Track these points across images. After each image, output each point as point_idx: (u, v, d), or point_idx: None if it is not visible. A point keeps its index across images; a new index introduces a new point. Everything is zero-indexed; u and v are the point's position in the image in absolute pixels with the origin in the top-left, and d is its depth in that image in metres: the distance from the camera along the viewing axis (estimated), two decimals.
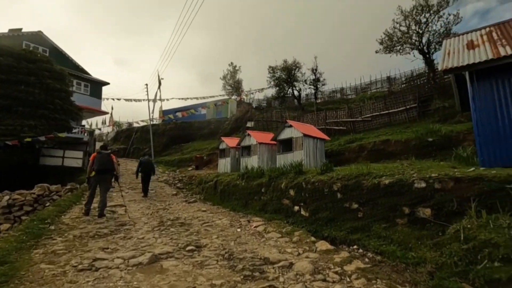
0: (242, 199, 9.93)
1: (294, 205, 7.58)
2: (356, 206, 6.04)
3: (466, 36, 7.70)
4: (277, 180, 8.58)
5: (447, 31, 13.55)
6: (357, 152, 13.86)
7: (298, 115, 22.05)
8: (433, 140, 11.52)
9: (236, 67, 31.49)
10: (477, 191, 4.52)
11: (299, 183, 7.55)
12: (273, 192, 8.49)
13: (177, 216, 8.09)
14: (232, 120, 31.73)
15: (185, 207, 10.15)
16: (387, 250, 4.97)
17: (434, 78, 14.40)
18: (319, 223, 6.63)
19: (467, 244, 4.11)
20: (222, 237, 5.96)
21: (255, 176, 9.83)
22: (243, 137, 16.34)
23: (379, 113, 16.20)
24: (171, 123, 36.26)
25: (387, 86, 28.88)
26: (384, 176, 5.85)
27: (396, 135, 13.62)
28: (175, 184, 18.28)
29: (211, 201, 11.90)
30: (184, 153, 30.48)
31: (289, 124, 13.35)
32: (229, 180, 11.41)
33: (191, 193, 15.29)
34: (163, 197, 13.02)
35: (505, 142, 5.67)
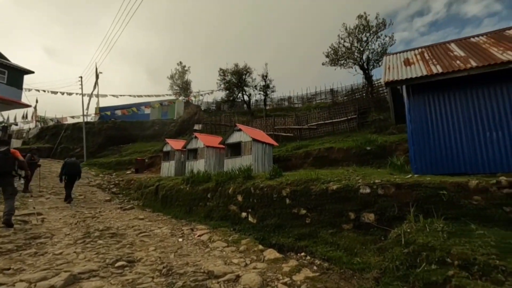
0: (186, 205, 9.23)
1: (241, 212, 7.24)
2: (304, 212, 5.97)
3: (403, 54, 8.43)
4: (224, 185, 8.16)
5: (383, 51, 15.02)
6: (303, 158, 14.24)
7: (248, 120, 21.99)
8: (371, 149, 12.40)
9: (185, 67, 30.30)
10: (415, 197, 4.78)
11: (248, 188, 7.25)
12: (220, 197, 8.03)
13: (108, 226, 7.05)
14: (178, 122, 30.27)
15: (120, 215, 9.01)
16: (334, 256, 4.94)
17: (372, 92, 15.74)
18: (267, 230, 6.39)
19: (407, 248, 4.24)
20: (161, 249, 5.29)
21: (201, 181, 9.24)
22: (190, 140, 15.55)
23: (324, 122, 17.01)
24: (109, 122, 33.02)
25: (330, 98, 30.90)
26: (332, 181, 5.90)
27: (339, 143, 14.40)
28: (110, 189, 16.45)
29: (151, 208, 10.86)
30: (123, 155, 27.93)
31: (239, 128, 13.08)
32: (172, 185, 10.58)
33: (128, 198, 13.86)
34: (93, 204, 11.48)
35: (434, 152, 6.22)
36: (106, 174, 22.08)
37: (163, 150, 17.88)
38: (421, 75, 6.14)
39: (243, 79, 22.14)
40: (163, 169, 17.37)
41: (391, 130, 14.64)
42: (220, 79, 23.03)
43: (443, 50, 7.45)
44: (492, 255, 3.61)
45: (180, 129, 30.12)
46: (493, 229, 4.13)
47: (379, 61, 15.14)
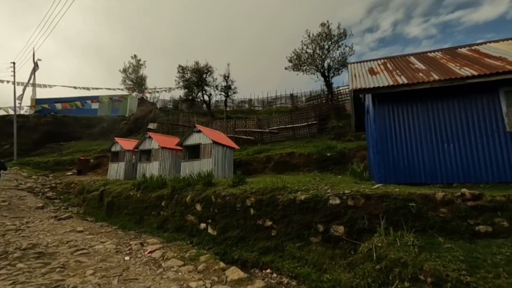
0: (136, 214, 8.21)
1: (200, 222, 6.56)
2: (270, 224, 5.54)
3: (367, 63, 8.57)
4: (181, 193, 7.38)
5: (343, 60, 15.52)
6: (265, 163, 13.95)
7: (207, 121, 21.11)
8: (331, 155, 12.56)
9: (140, 61, 28.21)
10: (385, 208, 4.64)
11: (208, 197, 6.61)
12: (175, 206, 7.23)
13: (34, 242, 5.82)
14: (130, 120, 28.03)
15: (53, 227, 7.65)
16: (302, 273, 4.58)
17: (332, 99, 16.15)
18: (228, 243, 5.83)
19: (379, 263, 4.04)
20: (102, 272, 4.40)
21: (155, 187, 8.31)
22: (143, 140, 14.27)
23: (285, 126, 16.99)
24: (47, 116, 29.26)
25: (290, 103, 31.43)
26: (300, 191, 5.57)
27: (300, 148, 14.41)
28: (44, 193, 14.31)
29: (93, 216, 9.53)
30: (64, 154, 24.90)
31: (198, 129, 12.30)
32: (121, 190, 9.40)
33: (67, 205, 12.12)
34: (20, 212, 9.71)
35: (398, 161, 6.28)
36: (41, 175, 19.37)
37: (111, 150, 16.20)
38: (387, 84, 6.17)
39: (203, 78, 21.20)
40: (111, 171, 15.70)
41: (349, 137, 15.11)
42: (179, 77, 21.80)
43: (405, 62, 7.69)
44: (463, 270, 3.54)
45: (132, 128, 27.90)
46: (459, 242, 4.12)
47: (339, 69, 15.64)
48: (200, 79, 21.22)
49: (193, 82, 21.25)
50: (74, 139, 29.15)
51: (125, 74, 27.74)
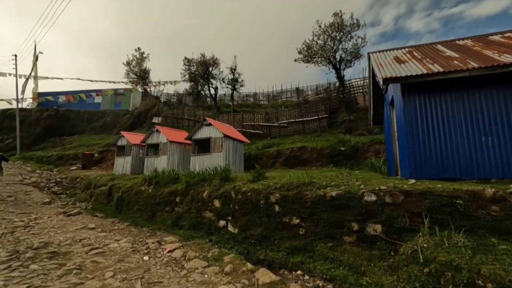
0: (148, 210, 7.87)
1: (219, 219, 6.21)
2: (297, 222, 5.18)
3: (390, 52, 8.13)
4: (197, 188, 7.02)
5: (356, 51, 15.04)
6: (275, 158, 13.59)
7: (213, 115, 20.67)
8: (344, 150, 12.18)
9: (144, 54, 27.65)
10: (428, 206, 4.27)
11: (227, 193, 6.24)
12: (191, 202, 6.88)
13: (46, 240, 5.48)
14: (134, 114, 27.59)
15: (63, 223, 7.32)
16: (338, 276, 4.23)
17: (343, 92, 15.70)
18: (251, 242, 5.49)
19: (427, 266, 3.68)
20: (122, 274, 4.06)
21: (167, 181, 7.95)
22: (150, 133, 13.88)
23: (295, 120, 16.56)
24: (49, 110, 28.85)
25: (296, 96, 30.95)
26: (329, 186, 5.20)
27: (311, 142, 14.02)
28: (50, 188, 14.00)
29: (103, 212, 9.21)
30: (67, 149, 24.58)
31: (208, 122, 11.90)
32: (131, 185, 9.06)
33: (74, 200, 11.81)
34: (27, 208, 9.39)
35: (429, 155, 5.88)
36: (45, 170, 19.08)
37: (117, 144, 15.81)
38: (421, 73, 5.74)
39: (209, 71, 20.69)
40: (117, 166, 15.36)
41: (361, 131, 14.71)
42: (185, 69, 21.29)
43: (433, 51, 7.25)
44: None
45: (135, 122, 27.49)
46: None
47: (351, 61, 15.14)
48: (206, 72, 20.71)
49: (199, 74, 20.75)
50: (76, 133, 28.81)
51: (128, 67, 27.21)
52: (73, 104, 30.48)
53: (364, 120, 15.09)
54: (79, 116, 29.62)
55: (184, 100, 30.51)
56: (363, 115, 15.24)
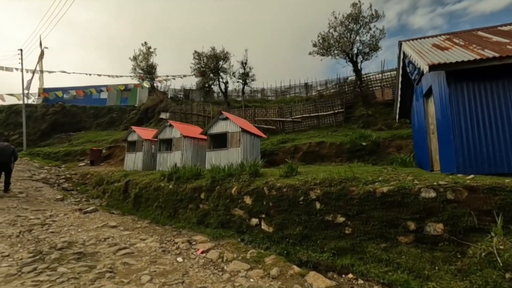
0: (169, 207, 7.48)
1: (251, 217, 5.80)
2: (342, 220, 4.75)
3: (426, 40, 7.65)
4: (223, 184, 6.61)
5: (374, 43, 14.52)
6: (292, 153, 13.16)
7: (223, 110, 20.23)
8: (366, 145, 11.73)
9: (151, 49, 27.18)
10: (499, 203, 3.83)
11: (259, 189, 5.82)
12: (218, 199, 6.47)
13: (69, 239, 5.09)
14: (141, 109, 27.21)
15: (81, 221, 6.93)
16: (398, 280, 3.81)
17: (361, 86, 15.20)
18: (289, 242, 5.07)
19: (508, 271, 3.25)
20: (159, 278, 3.66)
21: (189, 177, 7.55)
22: (163, 128, 13.47)
23: (309, 115, 16.10)
24: (55, 105, 28.51)
25: (305, 92, 30.44)
26: (377, 182, 4.76)
27: (329, 137, 13.58)
28: (60, 184, 13.65)
29: (119, 209, 8.83)
30: (74, 145, 24.25)
31: (225, 116, 11.48)
32: (148, 181, 8.66)
33: (86, 196, 11.45)
34: (40, 204, 9.03)
35: (479, 149, 5.42)
36: (53, 166, 18.76)
37: (127, 139, 15.43)
38: (473, 58, 5.26)
39: (219, 65, 20.19)
40: (128, 161, 14.99)
41: (380, 126, 14.24)
42: (195, 63, 20.82)
43: (475, 37, 6.76)
44: None
45: (142, 117, 27.12)
46: None
47: (369, 54, 14.60)
48: (216, 66, 20.23)
49: (209, 69, 20.28)
50: (82, 129, 28.48)
51: (135, 62, 26.78)
52: (79, 100, 30.09)
53: (382, 114, 14.62)
54: (85, 111, 29.28)
55: (191, 95, 30.09)
56: (381, 109, 14.76)
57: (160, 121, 24.59)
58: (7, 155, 9.12)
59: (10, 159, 9.24)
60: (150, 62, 27.41)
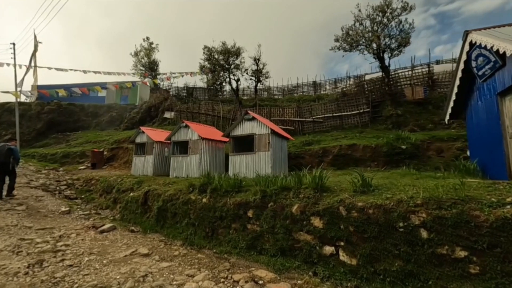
0: (204, 225, 6.26)
1: (323, 244, 4.63)
2: (465, 255, 3.62)
3: (500, 29, 6.60)
4: (278, 200, 5.42)
5: (405, 38, 13.45)
6: (320, 157, 12.02)
7: (235, 109, 19.01)
8: (406, 148, 10.67)
9: (153, 44, 25.73)
10: None
11: (333, 208, 4.65)
12: (273, 219, 5.28)
13: (98, 282, 3.84)
14: (143, 108, 25.76)
15: (100, 244, 5.67)
16: None
17: (389, 84, 14.16)
18: (386, 281, 3.92)
19: None
20: None
21: (228, 190, 6.33)
22: (177, 129, 12.20)
23: (332, 115, 14.99)
24: (51, 103, 26.86)
25: (313, 91, 29.40)
26: (509, 204, 3.63)
27: (358, 139, 12.49)
28: (62, 192, 12.29)
29: (138, 225, 7.59)
30: (72, 145, 22.74)
31: (251, 116, 10.27)
32: (173, 193, 7.41)
33: (94, 206, 10.14)
34: (43, 219, 7.73)
35: None
36: (51, 169, 17.30)
37: (135, 141, 14.10)
38: None
39: (230, 61, 18.90)
40: (136, 165, 13.67)
41: (411, 127, 13.20)
42: (204, 59, 19.48)
43: None
44: None
45: (145, 117, 25.68)
46: None
47: (399, 49, 13.52)
48: (228, 62, 18.95)
49: (219, 65, 18.99)
50: (80, 129, 26.92)
51: (136, 58, 25.32)
52: (76, 98, 28.49)
53: (413, 114, 13.59)
54: (83, 110, 27.70)
55: (194, 93, 28.74)
56: (412, 109, 13.73)
57: (164, 121, 23.25)
58: (2, 155, 8.66)
59: (8, 159, 8.76)
60: (152, 58, 25.97)
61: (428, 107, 13.39)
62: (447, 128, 12.54)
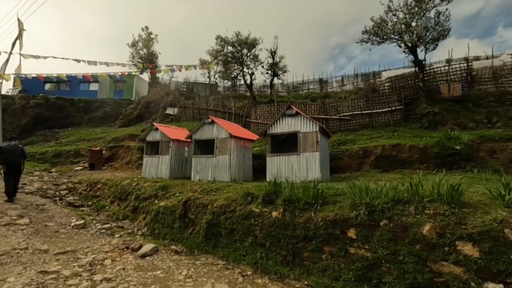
0: (280, 247, 4.93)
1: (483, 280, 3.41)
2: None
3: None
4: (394, 216, 4.16)
5: (444, 31, 12.49)
6: (361, 158, 10.90)
7: (249, 105, 17.60)
8: (461, 149, 9.70)
9: (152, 34, 23.82)
10: None
11: (494, 231, 3.45)
12: (393, 242, 4.02)
13: None
14: (141, 104, 23.86)
15: (151, 275, 4.24)
16: None
17: (423, 79, 13.22)
18: None
19: None
20: None
21: (310, 202, 5.01)
22: (201, 126, 10.75)
23: (361, 112, 13.93)
24: (37, 97, 24.42)
25: (319, 88, 28.46)
26: None
27: (400, 139, 11.44)
28: (63, 198, 10.58)
29: (178, 243, 6.15)
30: (63, 144, 20.62)
31: (294, 111, 9.02)
32: (226, 204, 6.01)
33: (108, 217, 8.56)
34: (56, 236, 6.16)
35: None
36: (42, 170, 15.39)
37: (146, 139, 12.48)
38: None
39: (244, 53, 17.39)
40: (148, 166, 12.08)
41: (450, 126, 12.30)
42: (217, 50, 17.84)
43: None
44: None
45: (143, 113, 23.83)
46: None
47: (437, 42, 12.54)
48: (241, 54, 17.48)
49: (234, 57, 17.48)
50: (70, 125, 24.69)
51: (134, 49, 23.33)
52: (65, 91, 26.16)
53: (451, 113, 12.70)
54: (74, 105, 25.41)
55: (195, 89, 27.03)
56: (449, 106, 12.84)
57: (166, 117, 21.52)
58: (16, 156, 8.29)
59: (20, 160, 8.45)
60: (151, 50, 24.08)
61: (467, 104, 12.55)
62: (491, 127, 11.72)
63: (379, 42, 13.51)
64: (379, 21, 13.32)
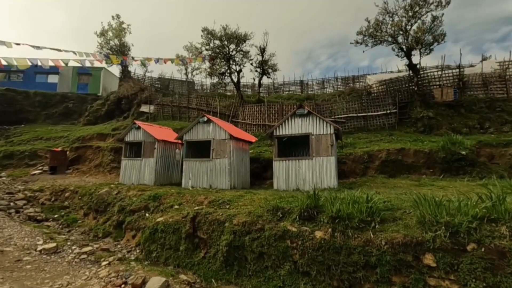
0: (330, 276, 3.97)
1: None
2: None
3: None
4: (484, 239, 3.41)
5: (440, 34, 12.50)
6: (365, 162, 10.36)
7: (235, 105, 16.43)
8: (466, 154, 9.55)
9: (124, 24, 21.61)
10: None
11: None
12: (490, 272, 3.25)
13: None
14: (110, 99, 21.48)
15: None
16: None
17: (418, 83, 13.16)
18: None
19: None
20: None
21: (366, 219, 4.12)
22: (194, 125, 9.46)
23: (356, 115, 13.52)
24: None
25: (300, 90, 28.24)
26: None
27: (403, 143, 11.12)
28: (20, 209, 8.62)
29: (185, 268, 4.92)
30: (16, 143, 17.72)
31: (306, 111, 8.17)
32: (250, 221, 4.89)
33: (84, 234, 6.98)
34: (17, 266, 4.59)
35: None
36: None
37: (124, 139, 10.81)
38: None
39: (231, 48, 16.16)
40: (127, 171, 10.45)
41: (445, 131, 12.32)
42: (203, 43, 16.37)
43: None
44: None
45: (113, 110, 21.48)
46: None
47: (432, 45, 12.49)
48: (228, 50, 16.23)
49: (222, 52, 16.16)
50: (24, 122, 21.48)
51: (103, 38, 20.93)
52: (17, 82, 22.79)
53: (445, 117, 12.76)
54: (28, 99, 22.20)
55: (171, 86, 25.16)
56: (444, 111, 12.90)
57: (141, 115, 19.54)
58: None
59: None
60: (122, 41, 21.85)
61: (460, 110, 12.69)
62: (484, 133, 11.91)
63: (373, 44, 13.22)
64: (377, 23, 13.00)
